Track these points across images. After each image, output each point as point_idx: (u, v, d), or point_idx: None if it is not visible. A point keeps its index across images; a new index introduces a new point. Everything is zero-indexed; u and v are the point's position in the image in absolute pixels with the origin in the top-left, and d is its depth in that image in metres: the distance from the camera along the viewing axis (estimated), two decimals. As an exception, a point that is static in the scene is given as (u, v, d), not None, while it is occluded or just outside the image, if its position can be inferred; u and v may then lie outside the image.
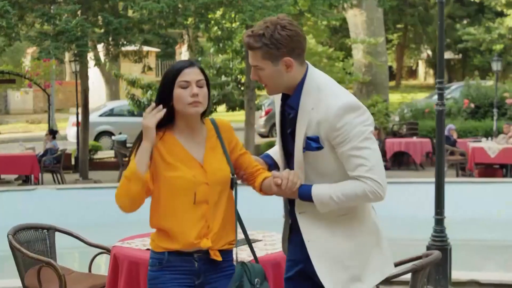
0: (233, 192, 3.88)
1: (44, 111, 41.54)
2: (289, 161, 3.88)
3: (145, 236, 5.32)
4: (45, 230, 5.89)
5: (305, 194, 3.70)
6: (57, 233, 5.96)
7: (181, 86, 3.70)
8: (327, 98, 3.65)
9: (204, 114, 3.86)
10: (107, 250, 5.76)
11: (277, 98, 3.94)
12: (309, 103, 3.68)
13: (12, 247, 5.42)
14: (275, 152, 4.11)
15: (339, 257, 3.76)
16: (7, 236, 5.47)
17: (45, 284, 5.33)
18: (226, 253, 3.88)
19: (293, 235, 3.95)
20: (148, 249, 4.95)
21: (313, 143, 3.66)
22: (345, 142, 3.61)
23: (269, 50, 3.62)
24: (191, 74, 3.72)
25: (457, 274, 7.86)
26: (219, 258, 3.81)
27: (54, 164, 19.20)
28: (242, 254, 4.88)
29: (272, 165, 4.07)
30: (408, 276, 4.80)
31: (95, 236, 5.94)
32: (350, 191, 3.63)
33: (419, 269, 4.51)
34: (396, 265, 4.89)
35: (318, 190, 3.68)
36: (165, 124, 3.78)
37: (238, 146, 3.96)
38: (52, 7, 17.85)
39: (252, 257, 4.00)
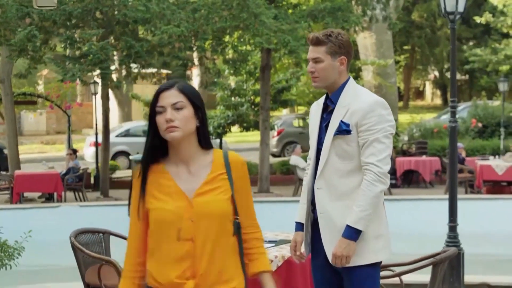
0: (237, 237, 3.52)
1: (57, 133, 42.20)
2: (319, 153, 4.57)
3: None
4: (101, 234, 6.57)
5: (348, 232, 4.37)
6: (111, 237, 6.66)
7: (158, 111, 3.42)
8: (363, 95, 4.52)
9: (205, 142, 3.53)
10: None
11: (314, 110, 4.73)
12: (347, 100, 4.49)
13: (74, 247, 6.09)
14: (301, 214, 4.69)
15: (341, 229, 4.40)
16: (69, 238, 6.13)
17: (104, 281, 5.99)
18: None
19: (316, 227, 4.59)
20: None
21: (343, 125, 4.42)
22: (371, 132, 4.40)
23: (333, 46, 4.51)
24: (166, 98, 3.43)
25: (469, 277, 8.52)
26: None
27: (76, 183, 19.80)
28: (282, 251, 5.52)
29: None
30: (425, 280, 5.39)
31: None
32: (364, 194, 4.37)
33: (439, 262, 5.13)
34: (417, 261, 5.52)
35: (351, 219, 4.36)
36: (161, 155, 3.51)
37: (244, 191, 3.56)
38: (74, 31, 18.59)
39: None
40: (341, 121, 4.45)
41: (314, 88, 4.79)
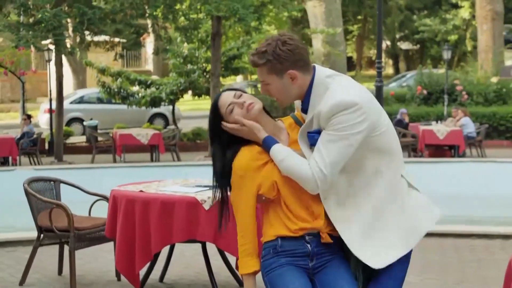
0: None
1: (11, 101, 42.14)
2: None
3: (137, 183, 6.55)
4: (52, 182, 7.15)
5: (267, 142, 3.83)
6: (61, 185, 7.26)
7: (230, 111, 3.80)
8: (327, 96, 3.76)
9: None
10: (104, 197, 7.03)
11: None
12: (317, 105, 3.80)
13: (27, 193, 6.67)
14: None
15: None
16: (23, 185, 6.70)
17: (55, 224, 6.58)
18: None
19: None
20: (141, 191, 6.18)
21: (316, 136, 3.79)
22: (329, 129, 3.69)
23: (273, 65, 3.75)
24: (225, 98, 3.83)
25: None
26: (330, 240, 3.79)
27: (30, 147, 20.24)
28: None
29: None
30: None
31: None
32: (298, 171, 3.76)
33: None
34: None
35: (278, 147, 3.82)
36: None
37: None
38: (28, -1, 18.93)
39: None
40: (309, 132, 3.87)
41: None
